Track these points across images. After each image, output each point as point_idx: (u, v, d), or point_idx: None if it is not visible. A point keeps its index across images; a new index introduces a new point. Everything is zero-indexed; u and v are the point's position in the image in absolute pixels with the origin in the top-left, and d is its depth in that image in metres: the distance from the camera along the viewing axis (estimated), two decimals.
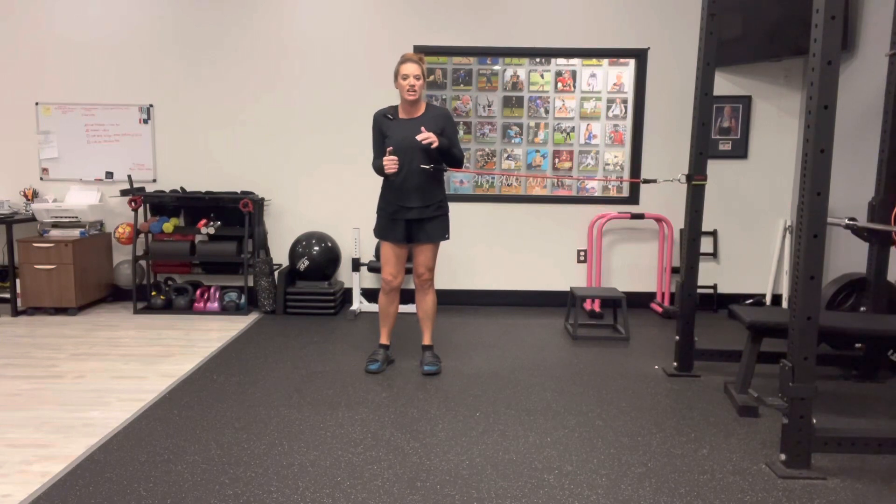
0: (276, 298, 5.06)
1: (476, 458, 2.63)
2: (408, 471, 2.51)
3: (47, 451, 2.65)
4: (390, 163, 3.45)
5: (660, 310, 5.18)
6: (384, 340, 3.79)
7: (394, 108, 3.59)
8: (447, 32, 5.21)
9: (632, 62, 5.34)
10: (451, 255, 5.44)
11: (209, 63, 5.23)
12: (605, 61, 5.35)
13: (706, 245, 5.44)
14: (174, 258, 5.09)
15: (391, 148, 3.48)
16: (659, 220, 5.30)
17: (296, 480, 2.42)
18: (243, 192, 5.18)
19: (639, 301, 5.46)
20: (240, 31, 5.20)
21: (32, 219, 5.09)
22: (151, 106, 5.28)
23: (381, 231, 3.62)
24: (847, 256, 4.64)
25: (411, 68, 3.43)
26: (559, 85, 5.37)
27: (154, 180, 5.34)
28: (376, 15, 5.19)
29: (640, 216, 5.24)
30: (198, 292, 5.11)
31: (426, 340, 3.78)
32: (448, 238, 3.67)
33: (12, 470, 2.49)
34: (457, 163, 3.60)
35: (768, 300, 5.39)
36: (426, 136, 3.38)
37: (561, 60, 5.35)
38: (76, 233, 5.04)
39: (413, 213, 3.54)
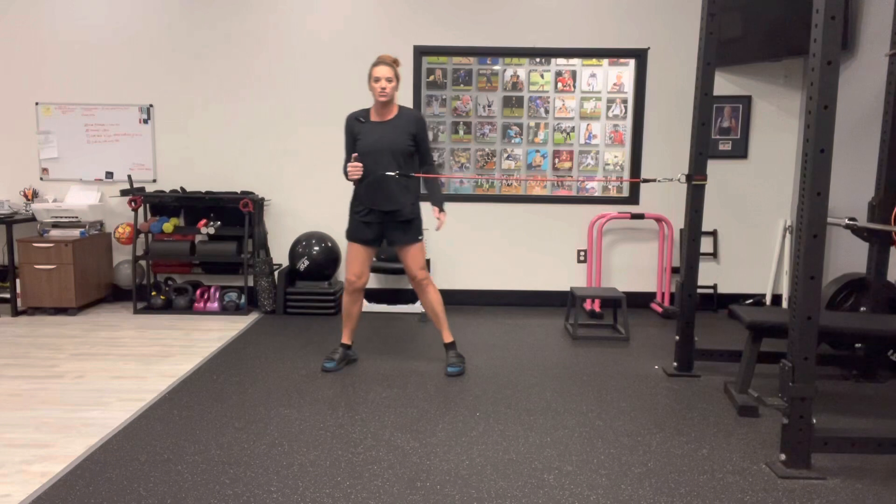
0: (276, 298, 5.06)
1: (476, 458, 2.63)
2: (408, 471, 2.51)
3: (47, 451, 2.65)
4: (354, 169, 3.46)
5: (660, 310, 5.17)
6: (346, 340, 3.77)
7: (366, 111, 3.58)
8: (447, 32, 5.21)
9: (632, 62, 5.34)
10: (452, 254, 5.44)
11: (209, 63, 5.23)
12: (605, 61, 5.35)
13: (706, 245, 5.44)
14: (174, 258, 5.09)
15: (356, 154, 3.49)
16: (659, 220, 5.30)
17: (296, 480, 2.42)
18: (243, 192, 5.18)
19: (639, 301, 5.46)
20: (240, 30, 5.20)
21: (32, 219, 5.09)
22: (151, 106, 5.28)
23: (352, 232, 3.63)
24: (847, 256, 4.64)
25: (383, 71, 3.42)
26: (559, 85, 5.37)
27: (154, 180, 5.34)
28: (376, 15, 5.19)
29: (640, 216, 5.24)
30: (198, 292, 5.11)
31: (446, 338, 3.73)
32: (421, 239, 3.64)
33: (12, 470, 2.49)
34: (427, 171, 3.68)
35: (768, 300, 5.38)
36: (440, 225, 3.61)
37: (561, 60, 5.35)
38: (76, 233, 5.04)
39: (386, 216, 3.55)
